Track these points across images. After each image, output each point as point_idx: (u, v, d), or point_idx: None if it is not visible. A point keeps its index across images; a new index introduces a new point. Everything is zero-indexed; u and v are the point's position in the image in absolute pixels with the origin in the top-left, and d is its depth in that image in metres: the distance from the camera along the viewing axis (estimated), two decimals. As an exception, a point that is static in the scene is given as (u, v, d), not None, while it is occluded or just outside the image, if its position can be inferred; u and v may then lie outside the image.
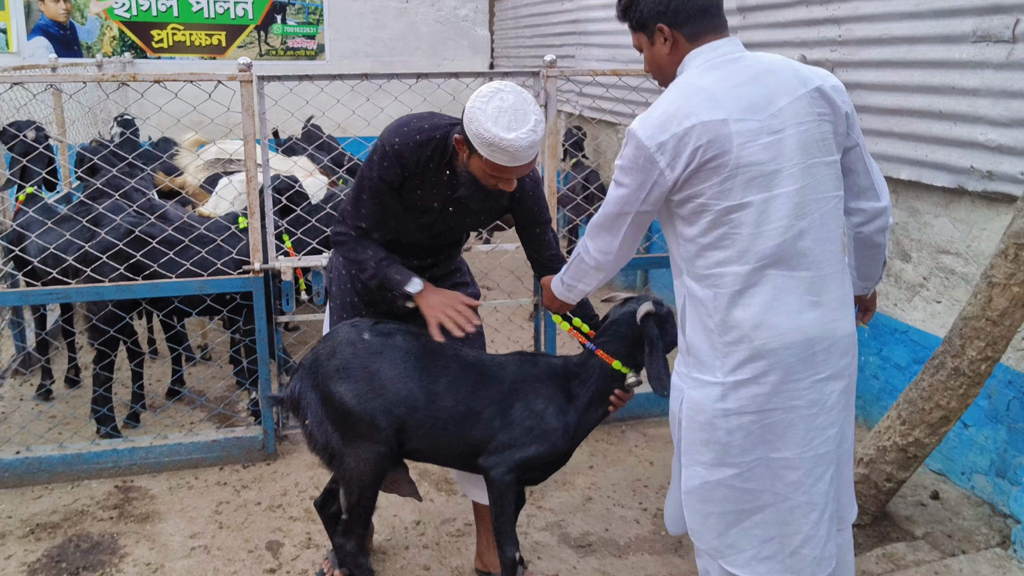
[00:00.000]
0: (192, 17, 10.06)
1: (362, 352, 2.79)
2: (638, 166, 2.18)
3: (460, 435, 2.81)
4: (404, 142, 2.69)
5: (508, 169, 2.53)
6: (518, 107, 2.46)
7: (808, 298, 2.21)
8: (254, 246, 3.99)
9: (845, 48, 4.32)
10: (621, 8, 2.35)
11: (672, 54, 2.28)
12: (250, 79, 3.82)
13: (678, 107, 2.15)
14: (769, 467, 2.27)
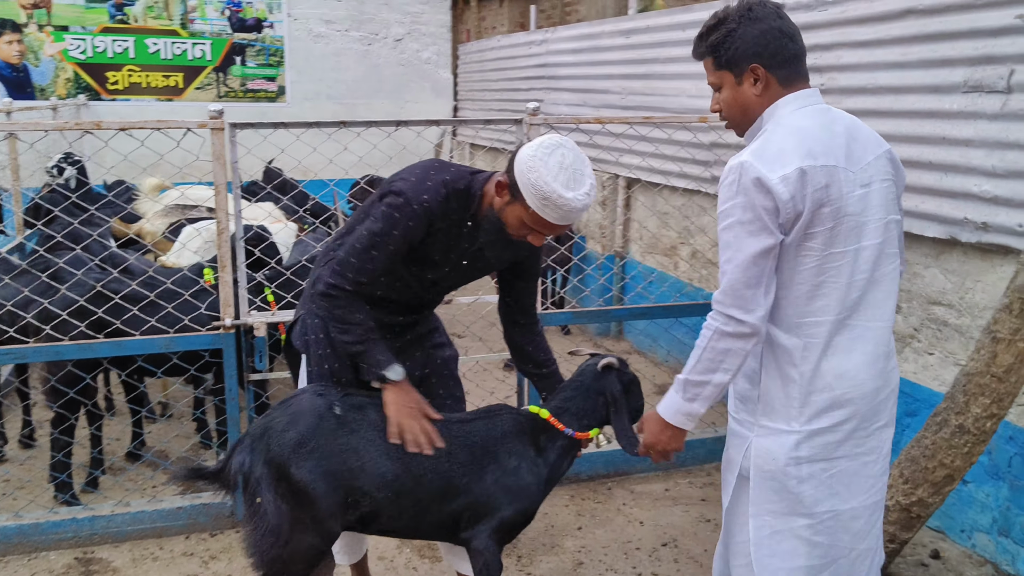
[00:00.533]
0: (148, 59, 9.84)
1: (332, 427, 2.53)
2: (755, 199, 2.10)
3: (440, 511, 2.63)
4: (433, 198, 2.51)
5: (551, 226, 2.44)
6: (577, 167, 2.39)
7: (881, 348, 2.26)
8: (225, 300, 3.79)
9: (828, 97, 4.24)
10: (709, 44, 2.25)
11: (762, 96, 2.22)
12: (221, 127, 3.65)
13: (795, 145, 2.12)
14: (838, 519, 2.28)
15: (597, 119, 4.21)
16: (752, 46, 2.19)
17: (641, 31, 6.20)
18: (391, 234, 2.52)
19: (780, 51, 2.20)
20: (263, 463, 2.49)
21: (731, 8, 2.23)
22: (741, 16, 2.19)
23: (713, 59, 2.26)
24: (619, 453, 4.45)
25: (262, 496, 2.48)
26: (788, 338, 2.21)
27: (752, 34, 2.18)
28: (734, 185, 2.12)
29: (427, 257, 2.65)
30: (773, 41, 2.19)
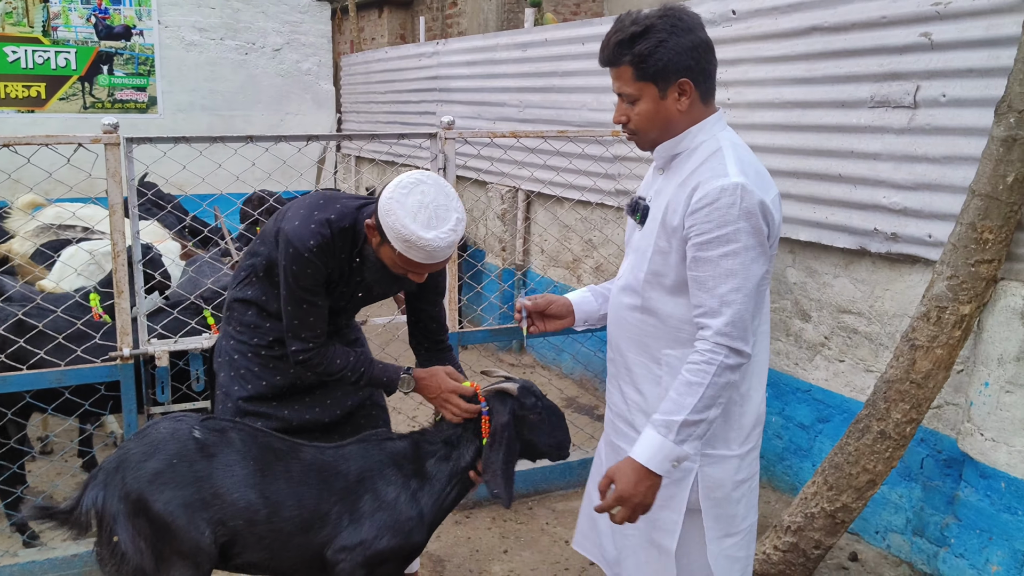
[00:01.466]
0: (7, 67, 9.16)
1: (191, 452, 2.39)
2: (759, 223, 2.05)
3: (305, 543, 2.48)
4: (319, 243, 2.50)
5: (421, 266, 2.42)
6: (440, 203, 2.32)
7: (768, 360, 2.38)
8: (122, 328, 3.50)
9: (735, 111, 4.37)
10: (635, 53, 2.07)
11: (688, 112, 2.13)
12: (116, 141, 3.38)
13: (759, 167, 2.15)
14: (752, 530, 2.38)
15: (512, 133, 4.14)
16: (684, 59, 2.07)
17: (538, 44, 6.19)
18: (301, 286, 2.53)
19: (707, 66, 2.14)
20: (118, 498, 2.32)
21: (653, 15, 2.09)
22: (672, 26, 2.06)
23: (635, 69, 2.10)
24: (538, 471, 4.38)
25: (119, 534, 2.31)
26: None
27: (684, 46, 2.06)
28: (735, 208, 2.01)
29: (332, 291, 2.64)
30: (703, 55, 2.11)
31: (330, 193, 2.65)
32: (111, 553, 2.32)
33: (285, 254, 2.51)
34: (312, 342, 2.60)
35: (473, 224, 7.34)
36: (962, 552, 3.35)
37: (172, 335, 3.75)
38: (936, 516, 3.54)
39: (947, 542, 3.43)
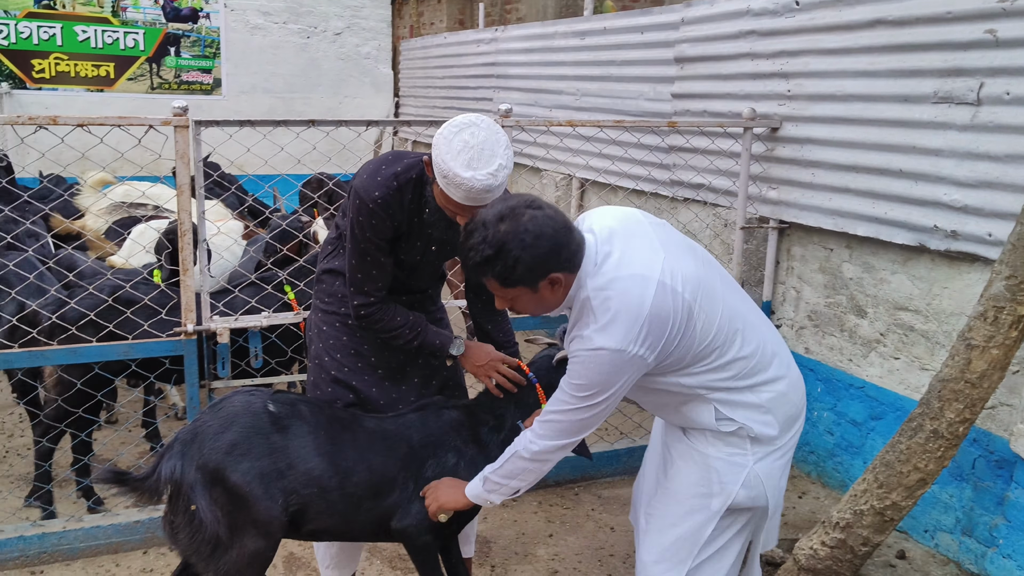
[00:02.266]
0: (78, 47, 9.43)
1: (265, 425, 2.47)
2: (617, 377, 2.20)
3: (373, 507, 2.58)
4: (384, 194, 2.54)
5: (461, 206, 2.38)
6: (486, 147, 2.29)
7: None
8: (186, 305, 3.62)
9: (795, 103, 4.34)
10: (495, 275, 2.10)
11: (564, 291, 2.16)
12: (186, 124, 3.48)
13: (635, 268, 2.18)
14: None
15: (569, 122, 4.16)
16: (543, 264, 2.08)
17: (597, 32, 6.19)
18: (366, 238, 2.57)
19: (568, 250, 2.10)
20: (195, 468, 2.40)
21: (495, 229, 2.06)
22: (521, 241, 2.04)
23: (500, 282, 2.13)
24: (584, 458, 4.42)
25: (196, 503, 2.39)
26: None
27: (540, 255, 2.06)
28: (595, 370, 2.15)
29: (399, 249, 2.68)
30: (562, 248, 2.09)
31: (399, 151, 2.70)
32: (187, 522, 2.40)
33: (352, 206, 2.56)
34: (374, 296, 2.65)
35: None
36: (1010, 553, 3.32)
37: (232, 312, 3.86)
38: (985, 516, 3.50)
39: (995, 543, 3.40)
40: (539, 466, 2.32)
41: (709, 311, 2.15)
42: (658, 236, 2.19)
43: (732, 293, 2.27)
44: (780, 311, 4.70)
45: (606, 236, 2.16)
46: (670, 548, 2.35)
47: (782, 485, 2.36)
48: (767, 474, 2.26)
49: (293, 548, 3.69)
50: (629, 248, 2.12)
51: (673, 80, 5.30)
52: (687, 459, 2.33)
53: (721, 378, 2.20)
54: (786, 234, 4.61)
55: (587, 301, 2.11)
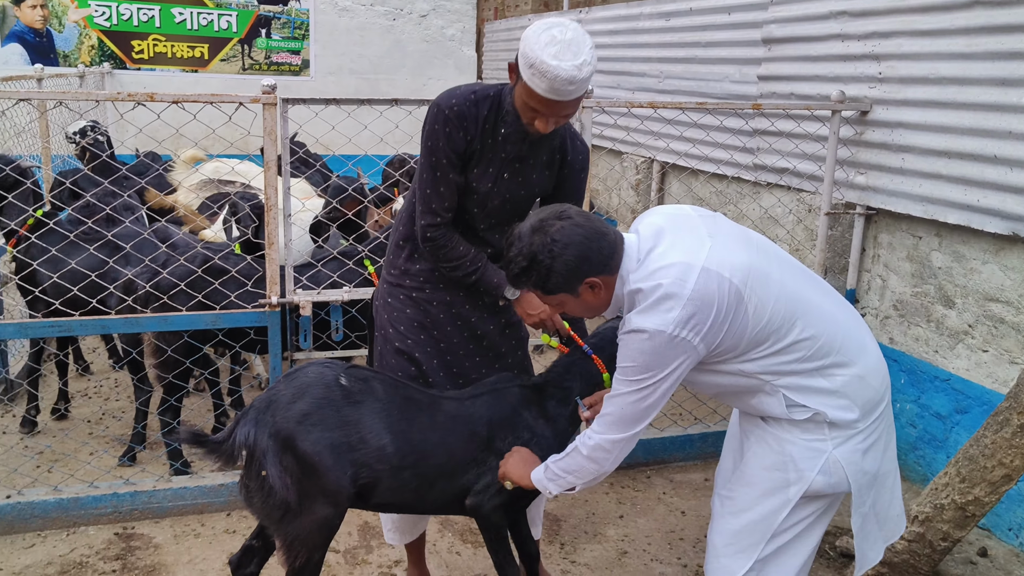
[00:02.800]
0: (175, 28, 9.75)
1: (338, 397, 2.52)
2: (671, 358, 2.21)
3: (448, 486, 2.63)
4: (461, 102, 2.59)
5: (543, 101, 2.40)
6: (573, 43, 2.34)
7: None
8: (271, 278, 3.74)
9: (886, 86, 4.21)
10: (532, 284, 2.20)
11: (607, 292, 2.22)
12: (274, 102, 3.59)
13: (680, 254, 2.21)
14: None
15: (651, 103, 4.14)
16: (578, 271, 2.15)
17: (682, 14, 6.11)
18: (439, 148, 2.60)
19: (600, 254, 2.16)
20: (268, 435, 2.46)
21: (530, 242, 2.16)
22: (549, 251, 2.13)
23: (541, 291, 2.23)
24: (657, 441, 4.42)
25: (267, 469, 2.45)
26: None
27: (571, 259, 2.13)
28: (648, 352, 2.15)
29: (470, 175, 2.69)
30: (594, 253, 2.15)
31: (477, 82, 2.77)
32: (259, 486, 2.48)
33: (428, 119, 2.61)
34: (440, 216, 2.67)
35: (606, 193, 7.35)
36: (1104, 558, 3.19)
37: (316, 286, 3.97)
38: (1078, 519, 3.37)
39: (1087, 546, 3.27)
40: (595, 467, 2.31)
41: (762, 295, 2.12)
42: (707, 228, 2.19)
43: (793, 278, 2.23)
44: (865, 300, 4.58)
45: (651, 233, 2.20)
46: (741, 532, 2.34)
47: (869, 468, 2.27)
48: (848, 459, 2.22)
49: (368, 517, 3.79)
50: (674, 241, 2.16)
51: (760, 62, 5.20)
52: (763, 444, 2.31)
53: (783, 362, 2.17)
54: (873, 221, 4.49)
55: (631, 293, 2.16)
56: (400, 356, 2.86)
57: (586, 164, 2.86)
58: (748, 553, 2.32)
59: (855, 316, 2.34)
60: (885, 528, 2.42)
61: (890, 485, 2.41)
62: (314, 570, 2.57)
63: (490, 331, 2.91)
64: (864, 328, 2.33)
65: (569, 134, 2.79)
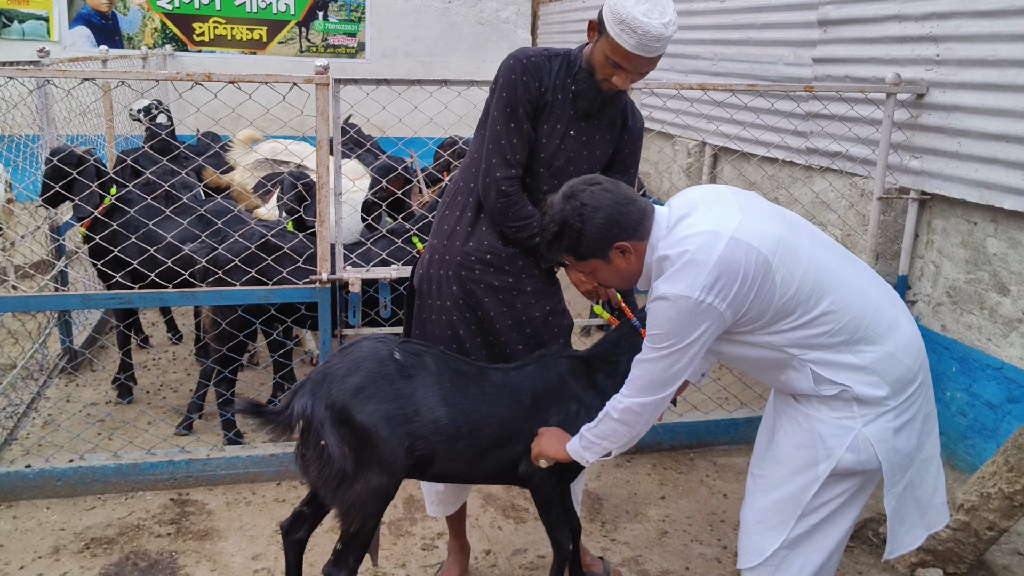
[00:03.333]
0: (234, 11, 9.94)
1: (391, 371, 2.58)
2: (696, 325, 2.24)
3: (500, 455, 2.70)
4: (537, 55, 2.71)
5: (628, 56, 2.51)
6: (660, 2, 2.46)
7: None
8: (322, 255, 3.83)
9: (943, 68, 4.13)
10: (565, 248, 2.29)
11: (637, 259, 2.27)
12: (327, 82, 3.66)
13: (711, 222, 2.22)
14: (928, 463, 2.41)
15: (700, 85, 4.12)
16: (607, 235, 2.23)
17: (738, -5, 6.04)
18: (516, 97, 2.68)
19: (629, 219, 2.23)
20: (324, 407, 2.53)
21: (561, 207, 2.25)
22: (579, 214, 2.22)
23: (574, 256, 2.31)
24: (702, 424, 4.42)
25: (325, 439, 2.52)
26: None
27: (599, 226, 2.21)
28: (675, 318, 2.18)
29: (539, 131, 2.76)
30: (623, 216, 2.22)
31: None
32: (317, 456, 2.55)
33: (503, 71, 2.70)
34: (516, 168, 2.74)
35: (658, 177, 7.32)
36: None
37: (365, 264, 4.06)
38: None
39: None
40: (627, 429, 2.36)
41: (790, 266, 2.14)
42: (739, 203, 2.22)
43: (824, 252, 2.23)
44: (917, 286, 4.52)
45: (682, 203, 2.25)
46: (771, 509, 2.35)
47: (905, 448, 2.26)
48: (878, 436, 2.21)
49: (413, 491, 3.88)
50: (706, 212, 2.19)
51: (815, 44, 5.13)
52: (794, 422, 2.32)
53: (811, 335, 2.17)
54: (927, 206, 4.42)
55: (660, 260, 2.20)
56: (444, 331, 2.92)
57: (642, 133, 2.96)
58: (778, 531, 2.33)
59: (889, 293, 2.33)
60: (927, 516, 2.40)
61: (933, 472, 2.39)
62: (368, 536, 2.65)
63: (535, 318, 2.94)
64: (899, 305, 2.32)
65: (630, 102, 2.90)
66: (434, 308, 2.95)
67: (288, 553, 2.87)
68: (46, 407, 4.58)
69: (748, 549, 2.40)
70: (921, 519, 2.39)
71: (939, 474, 2.41)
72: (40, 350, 4.85)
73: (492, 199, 2.77)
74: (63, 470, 3.74)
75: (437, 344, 2.91)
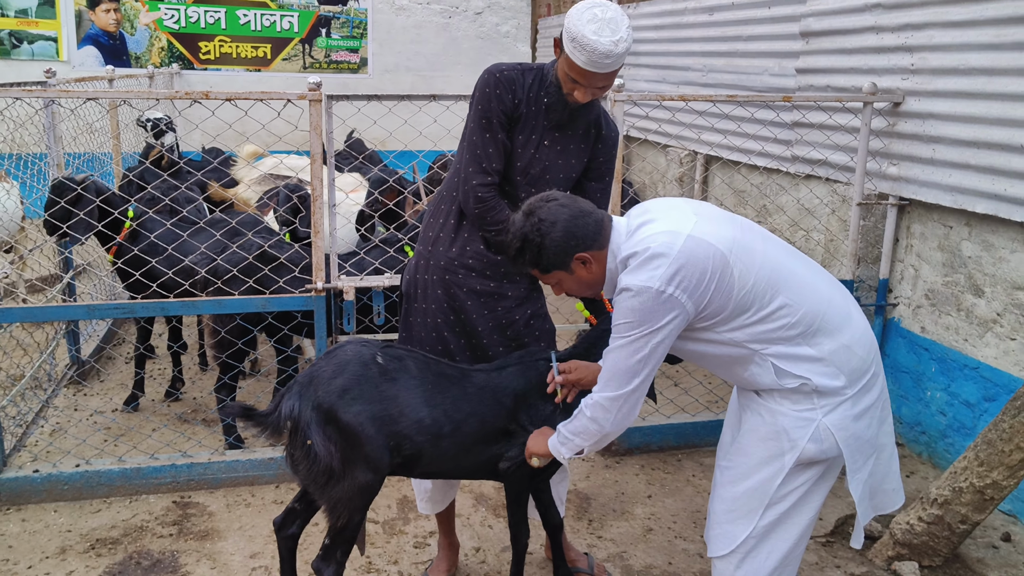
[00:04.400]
0: (239, 30, 10.14)
1: (375, 374, 2.71)
2: (658, 314, 2.34)
3: (481, 452, 2.84)
4: (510, 69, 2.85)
5: (582, 72, 2.64)
6: (612, 22, 2.59)
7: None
8: (316, 265, 3.97)
9: (918, 77, 4.26)
10: (528, 263, 2.42)
11: (598, 267, 2.40)
12: (319, 98, 3.81)
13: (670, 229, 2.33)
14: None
15: (681, 96, 4.25)
16: (565, 246, 2.36)
17: (725, 8, 6.18)
18: (490, 108, 2.83)
19: (586, 230, 2.36)
20: (311, 408, 2.66)
21: (521, 225, 2.40)
22: (537, 230, 2.36)
23: (538, 269, 2.44)
24: (689, 425, 4.54)
25: (312, 438, 2.65)
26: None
27: (559, 236, 2.35)
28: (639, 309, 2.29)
29: (515, 142, 2.89)
30: (579, 229, 2.36)
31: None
32: (304, 455, 2.68)
33: (478, 85, 2.85)
34: (491, 176, 2.88)
35: (652, 187, 7.45)
36: (1122, 542, 3.22)
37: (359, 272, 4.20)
38: (1099, 504, 3.40)
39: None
40: (596, 427, 2.45)
41: (746, 263, 2.27)
42: (694, 209, 2.36)
43: (777, 251, 2.36)
44: (897, 289, 4.63)
45: (640, 212, 2.41)
46: (740, 498, 2.47)
47: (865, 435, 2.37)
48: (838, 425, 2.33)
49: (407, 492, 4.01)
50: (663, 216, 2.33)
51: (798, 55, 5.26)
52: (757, 416, 2.44)
53: (769, 329, 2.29)
54: (906, 211, 4.53)
55: (624, 260, 2.33)
56: (429, 333, 3.06)
57: (616, 142, 3.08)
58: (748, 519, 2.45)
59: (840, 289, 2.46)
60: (875, 499, 2.52)
61: (886, 458, 2.51)
62: (355, 530, 2.77)
63: (515, 322, 3.06)
64: (850, 300, 2.44)
65: (603, 112, 3.03)
66: (420, 311, 3.09)
67: (282, 548, 3.00)
68: (54, 415, 4.74)
69: (719, 538, 2.52)
70: (871, 501, 2.51)
71: (892, 459, 2.53)
72: (48, 360, 5.00)
73: (471, 205, 2.91)
74: (70, 474, 3.89)
75: (423, 346, 3.04)
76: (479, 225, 2.95)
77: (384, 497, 3.98)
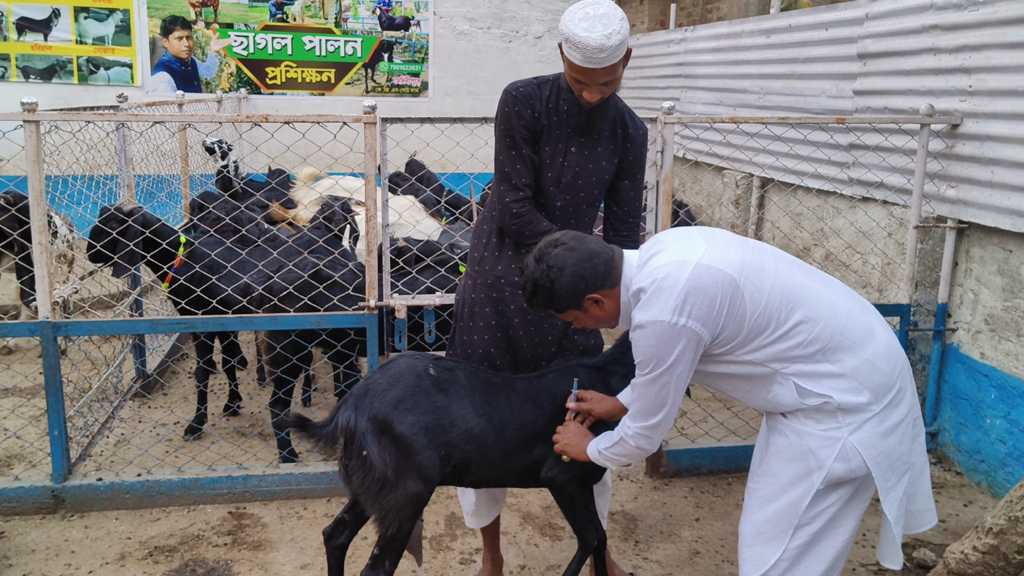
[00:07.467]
0: (305, 55, 10.42)
1: (428, 386, 2.78)
2: (676, 348, 2.36)
3: (525, 458, 2.90)
4: (526, 85, 2.92)
5: (580, 71, 2.69)
6: (603, 17, 2.63)
7: None
8: (370, 283, 4.06)
9: (976, 99, 4.19)
10: (543, 304, 2.48)
11: (611, 304, 2.45)
12: (374, 121, 3.92)
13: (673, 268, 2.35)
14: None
15: (732, 119, 4.25)
16: (574, 289, 2.41)
17: (783, 30, 6.16)
18: (512, 126, 2.90)
19: (595, 272, 2.41)
20: (367, 419, 2.74)
21: (532, 270, 2.46)
22: (547, 276, 2.42)
23: (554, 310, 2.50)
24: (739, 448, 4.50)
25: (368, 449, 2.72)
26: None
27: (568, 281, 2.41)
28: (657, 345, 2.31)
29: (541, 154, 2.94)
30: (587, 272, 2.41)
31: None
32: (360, 465, 2.76)
33: (500, 104, 2.92)
34: (523, 190, 2.93)
35: (709, 209, 7.43)
36: None
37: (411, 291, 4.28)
38: None
39: None
40: (640, 451, 2.52)
41: (757, 283, 2.27)
42: (703, 237, 2.38)
43: (790, 268, 2.36)
44: (956, 314, 4.54)
45: (651, 244, 2.44)
46: (769, 521, 2.45)
47: (895, 452, 2.34)
48: (866, 443, 2.30)
49: (455, 509, 4.05)
50: (672, 247, 2.36)
51: (856, 76, 5.22)
52: (783, 437, 2.43)
53: (787, 347, 2.29)
54: (965, 235, 4.45)
55: (635, 294, 2.37)
56: (476, 350, 3.12)
57: (645, 139, 3.09)
58: (777, 541, 2.43)
59: (860, 303, 2.43)
60: (905, 519, 2.49)
61: (914, 477, 2.48)
62: (403, 540, 2.83)
63: (560, 337, 3.13)
64: (872, 314, 2.42)
65: (627, 110, 3.05)
66: (467, 330, 3.16)
67: (330, 558, 3.07)
68: (119, 426, 4.91)
69: (749, 560, 2.51)
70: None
71: (920, 480, 2.50)
72: (115, 373, 5.19)
73: (508, 222, 2.97)
74: (131, 483, 4.03)
75: (471, 362, 3.11)
76: (518, 239, 3.01)
77: (432, 513, 4.03)
